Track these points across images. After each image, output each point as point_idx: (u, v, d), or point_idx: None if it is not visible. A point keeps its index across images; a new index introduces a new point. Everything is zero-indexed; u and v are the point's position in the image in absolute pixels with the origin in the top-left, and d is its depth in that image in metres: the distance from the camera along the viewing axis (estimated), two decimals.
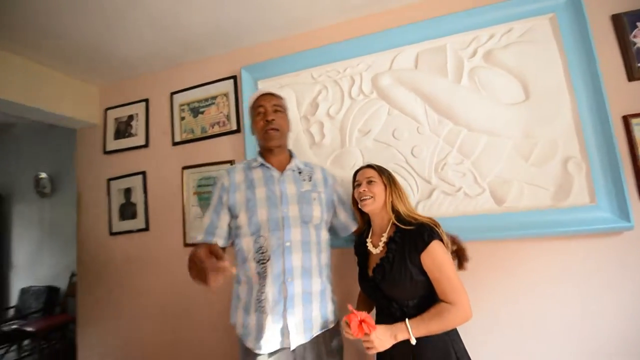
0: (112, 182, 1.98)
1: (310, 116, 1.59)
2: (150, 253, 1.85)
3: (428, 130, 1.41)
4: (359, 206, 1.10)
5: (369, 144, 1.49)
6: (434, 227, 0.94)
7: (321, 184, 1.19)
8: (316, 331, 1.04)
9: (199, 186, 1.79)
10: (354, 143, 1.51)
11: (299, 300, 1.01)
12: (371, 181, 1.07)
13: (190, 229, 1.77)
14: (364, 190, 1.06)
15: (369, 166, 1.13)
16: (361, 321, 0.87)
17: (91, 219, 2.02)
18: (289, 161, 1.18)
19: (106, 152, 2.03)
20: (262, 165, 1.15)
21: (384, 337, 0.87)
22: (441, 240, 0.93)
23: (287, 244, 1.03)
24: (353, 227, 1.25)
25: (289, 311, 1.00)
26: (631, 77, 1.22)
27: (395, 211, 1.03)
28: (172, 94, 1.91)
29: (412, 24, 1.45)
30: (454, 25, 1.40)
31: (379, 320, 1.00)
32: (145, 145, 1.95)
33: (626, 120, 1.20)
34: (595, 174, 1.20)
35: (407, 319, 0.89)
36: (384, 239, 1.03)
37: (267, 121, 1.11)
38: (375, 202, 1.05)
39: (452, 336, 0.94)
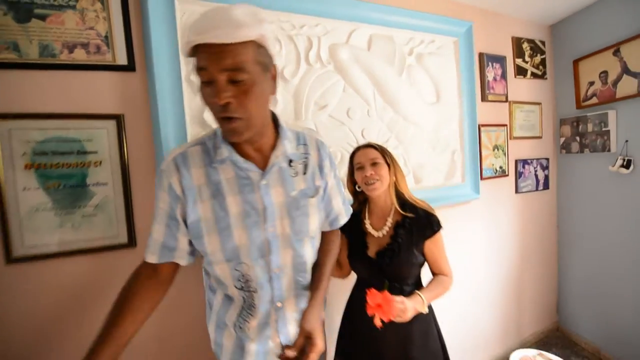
0: None
1: None
2: None
3: (375, 114, 1.49)
4: (366, 191, 1.04)
5: (325, 119, 1.38)
6: (436, 214, 1.06)
7: (318, 173, 0.83)
8: None
9: (39, 154, 0.99)
10: (310, 116, 1.35)
11: (292, 320, 0.83)
12: (376, 163, 1.03)
13: (25, 230, 0.98)
14: (371, 174, 1.01)
15: (371, 146, 1.07)
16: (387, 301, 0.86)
17: None
18: (274, 143, 0.75)
19: None
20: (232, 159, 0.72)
21: (411, 310, 0.90)
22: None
23: (277, 270, 0.78)
24: (345, 218, 0.97)
25: (280, 331, 0.82)
26: (483, 99, 1.83)
27: (397, 193, 1.05)
28: None
29: (367, 3, 1.43)
30: (398, 20, 1.51)
31: None
32: None
33: (479, 128, 1.81)
34: (466, 162, 1.74)
35: (419, 292, 0.97)
36: (389, 224, 1.05)
37: (220, 105, 0.61)
38: (383, 185, 1.03)
39: (432, 311, 1.12)
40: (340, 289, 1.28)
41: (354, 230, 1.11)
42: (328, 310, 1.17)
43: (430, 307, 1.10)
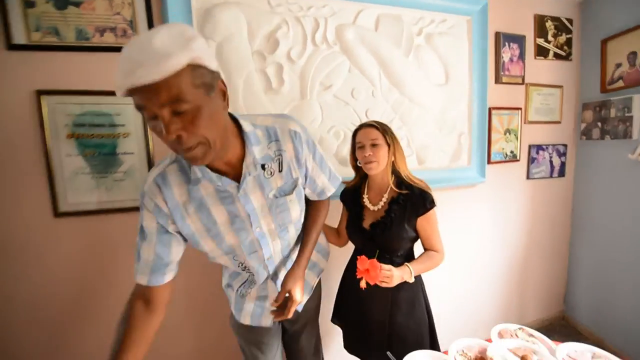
0: None
1: (268, 54, 1.33)
2: None
3: (380, 95, 1.53)
4: (364, 169, 1.11)
5: (329, 99, 1.45)
6: (431, 193, 1.11)
7: (295, 165, 0.83)
8: (304, 300, 1.04)
9: (78, 125, 1.16)
10: (314, 96, 1.42)
11: None
12: (375, 144, 1.08)
13: (68, 189, 1.17)
14: (370, 155, 1.07)
15: (372, 126, 1.11)
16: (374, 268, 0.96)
17: None
18: (242, 153, 0.74)
19: None
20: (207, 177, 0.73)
21: (397, 278, 0.99)
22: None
23: (269, 259, 0.89)
24: (332, 189, 1.01)
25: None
26: (497, 81, 1.80)
27: (394, 172, 1.12)
28: None
29: None
30: None
31: None
32: None
33: (490, 111, 1.79)
34: (473, 145, 1.75)
35: (408, 264, 1.06)
36: (384, 199, 1.12)
37: (171, 139, 0.58)
38: (380, 166, 1.09)
39: (421, 281, 1.19)
40: (339, 259, 1.38)
41: (353, 203, 1.20)
42: (328, 277, 1.28)
43: (419, 279, 1.18)
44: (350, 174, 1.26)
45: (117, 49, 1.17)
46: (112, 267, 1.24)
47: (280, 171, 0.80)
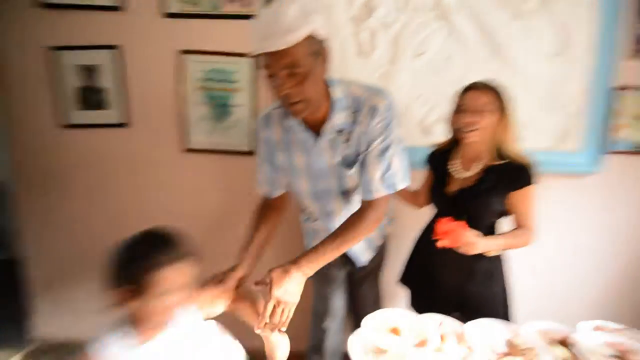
0: (63, 54, 1.39)
1: (362, 21, 1.40)
2: (135, 157, 1.49)
3: (478, 64, 1.45)
4: (459, 134, 1.03)
5: (420, 66, 1.44)
6: (533, 169, 1.00)
7: (362, 139, 0.86)
8: (368, 257, 1.11)
9: (208, 79, 1.44)
10: (406, 62, 1.44)
11: None
12: (482, 110, 0.96)
13: (194, 131, 1.47)
14: (469, 122, 0.97)
15: (486, 88, 0.98)
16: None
17: (29, 104, 1.43)
18: (327, 114, 0.85)
19: (46, 5, 1.36)
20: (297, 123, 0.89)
21: (481, 247, 0.95)
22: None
23: (330, 212, 1.02)
24: (380, 192, 0.87)
25: None
26: (633, 55, 1.48)
27: (496, 141, 1.00)
28: None
29: None
30: None
31: None
32: (116, 8, 1.39)
33: (619, 90, 1.49)
34: (587, 128, 1.50)
35: (494, 236, 1.03)
36: (479, 166, 1.05)
37: (282, 95, 0.75)
38: (481, 135, 0.98)
39: (502, 257, 1.12)
40: (408, 222, 1.38)
41: (438, 167, 1.15)
42: (395, 239, 1.31)
43: (501, 257, 1.12)
44: (430, 143, 1.25)
45: (242, 17, 1.39)
46: (224, 193, 1.55)
47: (349, 140, 0.88)
